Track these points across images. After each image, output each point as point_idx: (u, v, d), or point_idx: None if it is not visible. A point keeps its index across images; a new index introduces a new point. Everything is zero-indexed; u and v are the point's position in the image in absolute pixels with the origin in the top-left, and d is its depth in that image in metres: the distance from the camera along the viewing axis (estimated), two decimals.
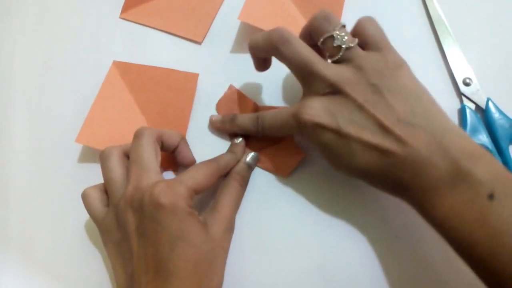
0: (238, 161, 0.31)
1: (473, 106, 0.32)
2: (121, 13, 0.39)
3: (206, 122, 0.35)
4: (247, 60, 0.36)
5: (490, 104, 0.32)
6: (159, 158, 0.28)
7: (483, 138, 0.31)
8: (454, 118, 0.33)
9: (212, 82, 0.36)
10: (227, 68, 0.36)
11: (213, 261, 0.25)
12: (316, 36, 0.28)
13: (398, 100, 0.25)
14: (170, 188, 0.25)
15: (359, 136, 0.25)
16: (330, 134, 0.25)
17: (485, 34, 0.35)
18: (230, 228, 0.28)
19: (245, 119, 0.32)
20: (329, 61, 0.28)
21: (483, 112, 0.32)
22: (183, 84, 0.36)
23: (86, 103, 0.35)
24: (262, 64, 0.32)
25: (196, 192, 0.26)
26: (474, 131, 0.31)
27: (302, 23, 0.34)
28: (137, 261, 0.25)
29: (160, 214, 0.24)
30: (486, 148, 0.31)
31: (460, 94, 0.33)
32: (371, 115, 0.25)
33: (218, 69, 0.36)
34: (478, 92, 0.33)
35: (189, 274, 0.24)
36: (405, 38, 0.35)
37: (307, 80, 0.27)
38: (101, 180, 0.34)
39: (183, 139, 0.32)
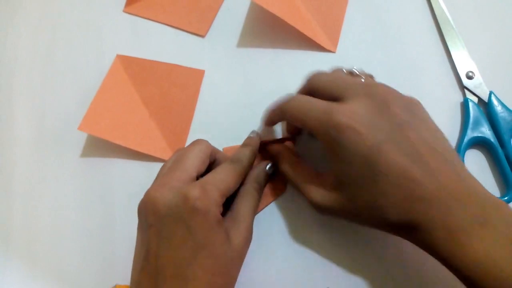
0: (255, 154, 0.30)
1: (475, 99, 0.32)
2: (124, 7, 0.39)
3: (209, 117, 0.35)
4: (250, 54, 0.36)
5: (493, 97, 0.32)
6: (202, 170, 0.27)
7: (486, 131, 0.31)
8: (457, 111, 0.33)
9: (215, 76, 0.36)
10: (230, 62, 0.36)
11: (230, 271, 0.25)
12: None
13: (424, 128, 0.24)
14: (206, 192, 0.24)
15: (393, 157, 0.22)
16: (363, 146, 0.22)
17: (488, 28, 0.35)
18: (250, 238, 0.27)
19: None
20: None
21: (485, 105, 0.32)
22: (188, 80, 0.36)
23: (89, 95, 0.35)
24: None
25: (226, 196, 0.25)
26: (477, 124, 0.31)
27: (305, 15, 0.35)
28: (153, 260, 0.24)
29: (192, 219, 0.23)
30: (489, 140, 0.31)
31: (463, 87, 0.33)
32: (409, 138, 0.23)
33: (221, 62, 0.36)
34: (480, 86, 0.33)
35: (205, 282, 0.23)
36: (409, 32, 0.35)
37: (344, 90, 0.25)
38: (105, 173, 0.34)
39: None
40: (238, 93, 0.35)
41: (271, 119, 0.30)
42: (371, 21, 0.36)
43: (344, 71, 0.28)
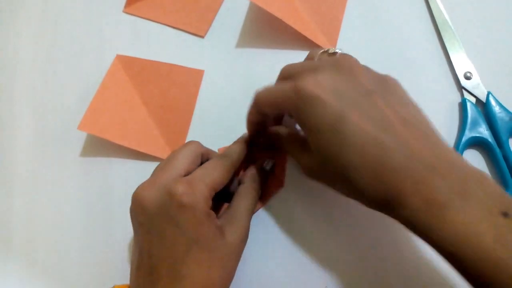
0: (246, 150, 0.30)
1: (473, 100, 0.33)
2: (124, 7, 0.39)
3: (208, 117, 0.35)
4: (249, 54, 0.36)
5: (491, 97, 0.32)
6: (192, 170, 0.26)
7: (483, 131, 0.31)
8: (455, 112, 0.33)
9: (214, 75, 0.36)
10: (230, 62, 0.36)
11: (226, 266, 0.25)
12: (312, 58, 0.28)
13: (397, 101, 0.23)
14: (192, 187, 0.24)
15: (360, 125, 0.21)
16: (328, 114, 0.22)
17: (486, 29, 0.35)
18: (247, 236, 0.27)
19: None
20: None
21: (483, 106, 0.32)
22: (188, 80, 0.36)
23: (89, 95, 0.35)
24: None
25: (215, 190, 0.25)
26: (475, 124, 0.31)
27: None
28: (147, 259, 0.24)
29: (180, 215, 0.23)
30: (486, 140, 0.31)
31: (461, 88, 0.33)
32: (377, 105, 0.22)
33: (220, 62, 0.36)
34: (478, 86, 0.33)
35: (202, 278, 0.23)
36: (407, 33, 0.36)
37: (311, 66, 0.25)
38: (104, 173, 0.34)
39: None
40: (237, 93, 0.35)
41: (251, 123, 0.29)
42: (369, 22, 0.36)
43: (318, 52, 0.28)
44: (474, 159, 0.32)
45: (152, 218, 0.24)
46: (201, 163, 0.28)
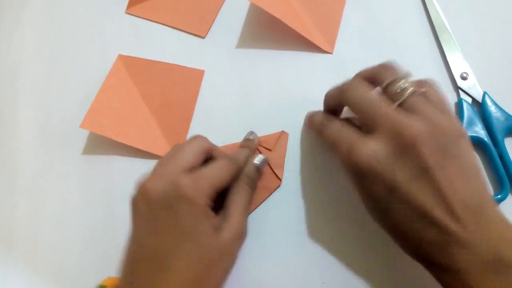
0: (252, 155, 0.31)
1: (469, 100, 0.33)
2: (126, 8, 0.40)
3: (208, 116, 0.35)
4: (249, 54, 0.37)
5: (487, 97, 0.32)
6: (197, 165, 0.27)
7: (479, 130, 0.32)
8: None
9: (214, 75, 0.37)
10: (229, 62, 0.37)
11: (217, 266, 0.25)
12: (380, 81, 0.26)
13: (460, 172, 0.22)
14: (195, 182, 0.24)
15: (414, 201, 0.22)
16: (382, 185, 0.22)
17: (482, 30, 0.35)
18: (241, 234, 0.27)
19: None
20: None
21: (479, 106, 0.33)
22: (188, 80, 0.36)
23: (91, 95, 0.36)
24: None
25: (217, 190, 0.26)
26: (471, 123, 0.32)
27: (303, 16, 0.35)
28: (137, 248, 0.24)
29: (178, 205, 0.24)
30: (482, 140, 0.31)
31: (457, 88, 0.34)
32: (435, 182, 0.22)
33: (220, 62, 0.37)
34: (474, 86, 0.33)
35: (188, 273, 0.23)
36: (405, 34, 0.36)
37: (371, 121, 0.24)
38: (106, 170, 0.35)
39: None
40: (237, 93, 0.36)
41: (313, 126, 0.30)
42: (367, 23, 0.37)
43: (389, 74, 0.26)
44: None
45: (153, 208, 0.24)
46: (206, 158, 0.28)
